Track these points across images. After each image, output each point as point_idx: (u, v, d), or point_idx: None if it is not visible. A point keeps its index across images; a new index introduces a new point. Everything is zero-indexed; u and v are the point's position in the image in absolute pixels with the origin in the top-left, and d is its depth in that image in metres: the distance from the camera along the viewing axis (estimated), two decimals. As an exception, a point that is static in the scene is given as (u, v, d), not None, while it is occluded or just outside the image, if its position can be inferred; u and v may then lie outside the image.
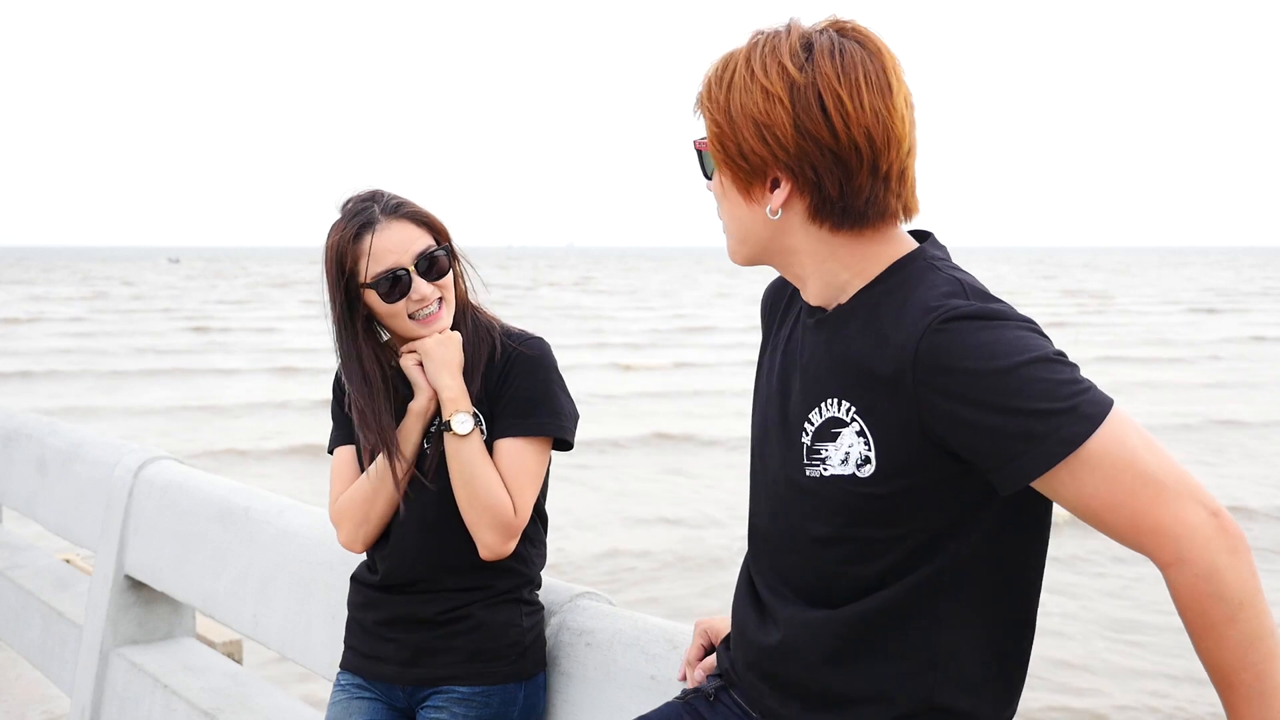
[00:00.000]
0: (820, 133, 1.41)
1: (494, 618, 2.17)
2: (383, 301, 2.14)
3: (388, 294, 2.13)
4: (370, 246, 2.12)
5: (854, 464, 1.45)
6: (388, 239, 2.13)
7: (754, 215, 1.51)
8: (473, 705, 2.14)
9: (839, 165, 1.43)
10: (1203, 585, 1.30)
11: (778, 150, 1.44)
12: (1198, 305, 48.33)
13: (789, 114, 1.42)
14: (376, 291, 2.14)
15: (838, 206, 1.45)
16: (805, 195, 1.46)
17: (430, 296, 2.16)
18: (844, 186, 1.44)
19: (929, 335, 1.37)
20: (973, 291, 1.43)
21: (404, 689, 2.21)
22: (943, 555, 1.45)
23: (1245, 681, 1.32)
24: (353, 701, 2.24)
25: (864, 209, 1.45)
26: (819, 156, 1.43)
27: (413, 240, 2.15)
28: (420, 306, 2.16)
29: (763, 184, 1.48)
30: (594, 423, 16.09)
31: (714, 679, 1.75)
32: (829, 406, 1.49)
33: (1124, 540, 1.35)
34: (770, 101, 1.42)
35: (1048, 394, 1.32)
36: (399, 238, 2.14)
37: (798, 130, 1.42)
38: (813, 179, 1.44)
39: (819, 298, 1.55)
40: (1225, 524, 1.31)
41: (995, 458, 1.35)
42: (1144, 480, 1.31)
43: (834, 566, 1.51)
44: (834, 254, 1.50)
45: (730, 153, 1.48)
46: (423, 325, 2.17)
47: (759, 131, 1.44)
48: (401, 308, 2.15)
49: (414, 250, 2.14)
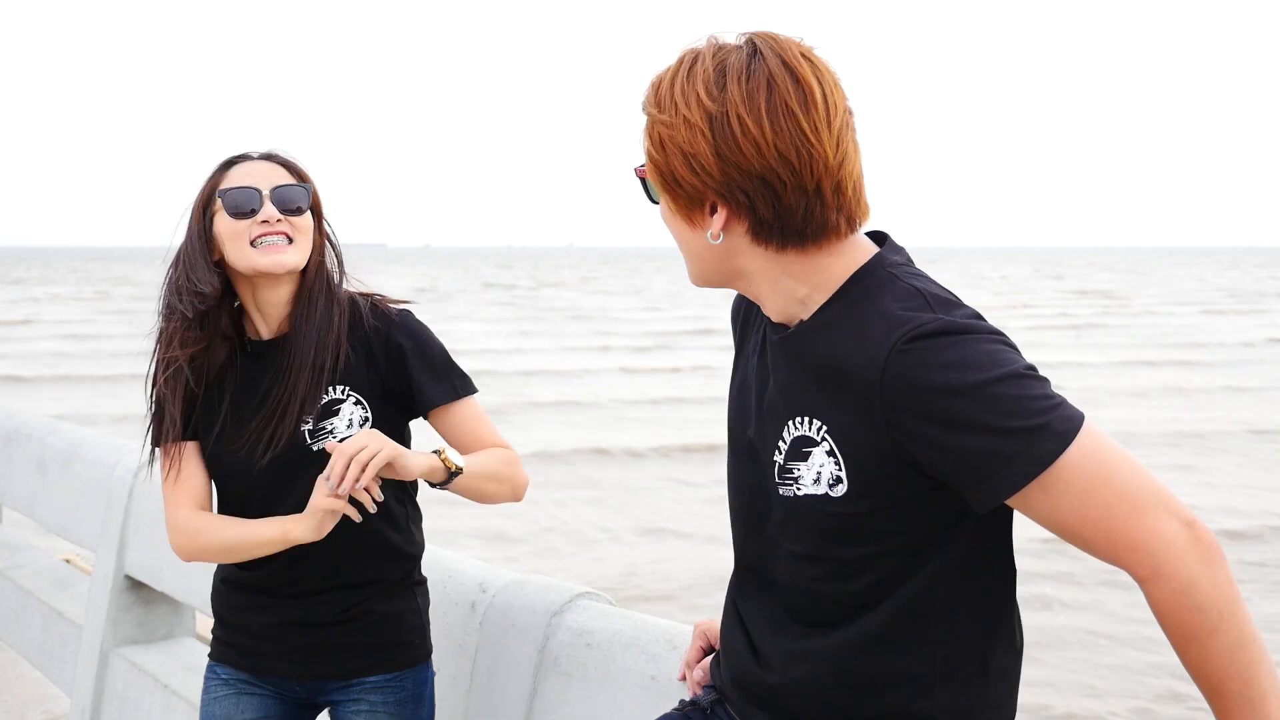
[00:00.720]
0: (739, 159, 1.40)
1: (392, 608, 2.18)
2: (229, 217, 2.06)
3: (236, 209, 2.05)
4: (232, 171, 2.10)
5: (826, 483, 1.44)
6: (252, 167, 2.11)
7: (699, 240, 1.49)
8: (389, 691, 2.17)
9: (766, 188, 1.41)
10: (1182, 599, 1.30)
11: (706, 178, 1.43)
12: (1212, 306, 47.66)
13: (710, 143, 1.41)
14: (225, 206, 2.06)
15: (775, 227, 1.44)
16: (742, 218, 1.45)
17: (275, 224, 2.06)
18: (776, 207, 1.42)
19: (894, 356, 1.35)
20: (936, 302, 1.40)
21: (302, 684, 2.20)
22: (924, 573, 1.44)
23: (1234, 690, 1.32)
24: (242, 698, 2.20)
25: (802, 227, 1.43)
26: (745, 181, 1.41)
27: (277, 175, 2.12)
28: (265, 231, 2.06)
29: (701, 210, 1.47)
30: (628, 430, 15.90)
31: (709, 690, 1.74)
32: (799, 425, 1.47)
33: (1100, 555, 1.34)
34: (693, 132, 1.41)
35: (1018, 411, 1.30)
36: (263, 170, 2.11)
37: (719, 158, 1.41)
38: (745, 203, 1.43)
39: (780, 314, 1.53)
40: (1200, 534, 1.31)
41: (968, 476, 1.34)
42: (1118, 495, 1.31)
43: (812, 584, 1.50)
44: (785, 271, 1.48)
45: (667, 180, 1.47)
46: (264, 253, 2.05)
47: (687, 161, 1.43)
48: (245, 229, 2.05)
49: (274, 180, 2.10)
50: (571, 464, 13.91)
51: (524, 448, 14.58)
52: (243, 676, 2.22)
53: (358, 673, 2.17)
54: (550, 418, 17.70)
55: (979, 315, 1.40)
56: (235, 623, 2.22)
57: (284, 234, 2.08)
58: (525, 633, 2.30)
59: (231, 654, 2.22)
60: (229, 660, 2.23)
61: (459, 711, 2.42)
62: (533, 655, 2.28)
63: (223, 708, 2.21)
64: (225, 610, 2.24)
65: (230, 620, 2.23)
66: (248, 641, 2.20)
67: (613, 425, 17.05)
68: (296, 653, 2.17)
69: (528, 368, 24.25)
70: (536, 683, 2.26)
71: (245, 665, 2.21)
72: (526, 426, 16.49)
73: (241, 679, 2.22)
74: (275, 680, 2.21)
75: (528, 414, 17.92)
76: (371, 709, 2.16)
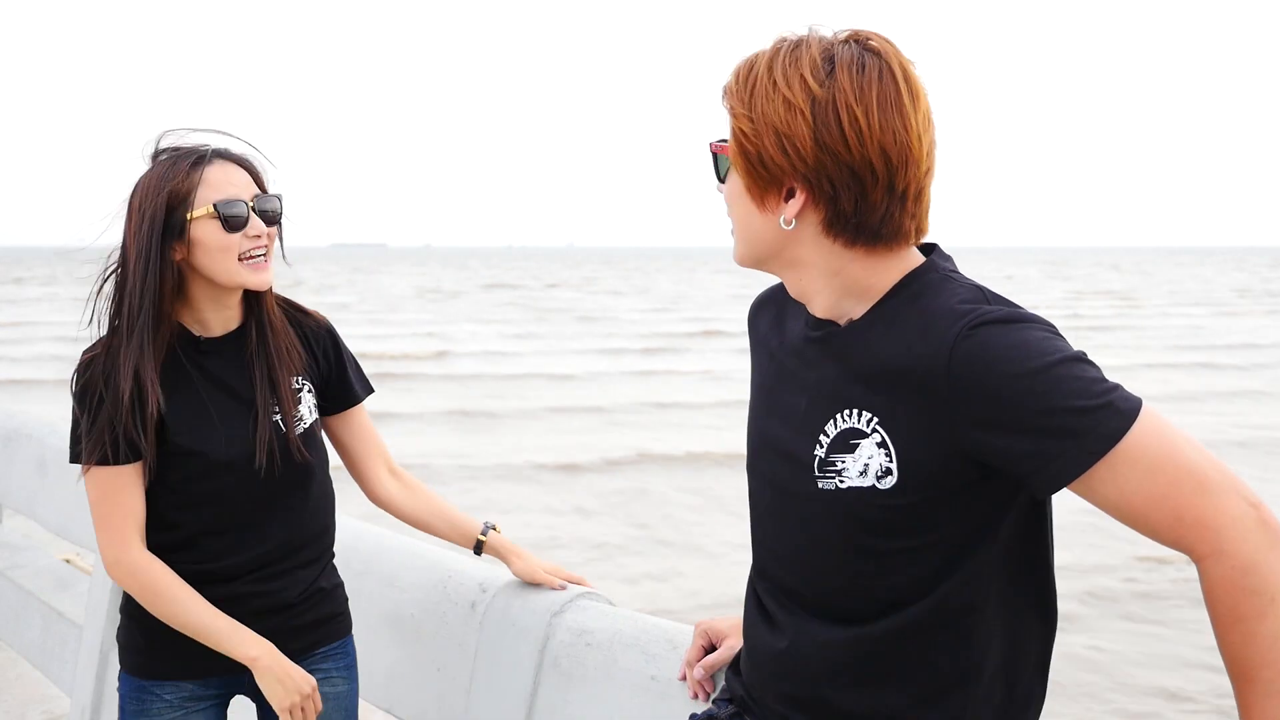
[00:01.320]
0: (838, 147, 1.41)
1: (333, 581, 2.31)
2: (223, 230, 2.01)
3: (231, 223, 2.01)
4: (209, 175, 2.02)
5: (874, 475, 1.45)
6: (229, 173, 2.05)
7: (765, 223, 1.50)
8: (338, 658, 2.30)
9: (855, 181, 1.42)
10: (1239, 578, 1.30)
11: (797, 161, 1.44)
12: (1231, 307, 47.00)
13: (809, 126, 1.42)
14: (219, 218, 2.00)
15: (852, 222, 1.45)
16: (820, 208, 1.46)
17: (263, 238, 2.06)
18: (859, 202, 1.44)
19: (961, 341, 1.37)
20: (994, 297, 1.44)
21: None
22: (963, 569, 1.45)
23: (1266, 678, 1.31)
24: (192, 715, 2.16)
25: (878, 227, 1.45)
26: (836, 171, 1.42)
27: (250, 181, 2.09)
28: (255, 245, 2.05)
29: (777, 193, 1.48)
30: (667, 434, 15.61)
31: (724, 704, 1.73)
32: (846, 418, 1.48)
33: (1162, 537, 1.35)
34: (792, 113, 1.42)
35: (1083, 391, 1.32)
36: (238, 176, 2.07)
37: (817, 143, 1.42)
38: (829, 192, 1.44)
39: (827, 310, 1.54)
40: (1266, 518, 1.31)
41: (1033, 460, 1.34)
42: (1186, 472, 1.32)
43: (847, 579, 1.50)
44: (844, 268, 1.50)
45: (751, 159, 1.47)
46: (253, 271, 2.05)
47: (779, 141, 1.44)
48: (235, 243, 2.02)
49: (251, 188, 2.08)
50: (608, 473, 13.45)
51: (546, 454, 14.00)
52: (187, 690, 2.16)
53: (313, 645, 2.25)
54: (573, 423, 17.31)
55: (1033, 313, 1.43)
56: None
57: (266, 248, 2.08)
58: (525, 633, 2.30)
59: (178, 666, 2.14)
60: (173, 674, 2.15)
61: (459, 711, 2.42)
62: (533, 655, 2.27)
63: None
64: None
65: (171, 627, 2.10)
66: (195, 644, 2.09)
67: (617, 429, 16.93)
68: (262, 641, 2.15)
69: (549, 370, 23.95)
70: (536, 683, 2.26)
71: (194, 672, 2.15)
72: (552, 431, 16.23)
73: (185, 694, 2.16)
74: (222, 679, 2.18)
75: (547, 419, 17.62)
76: (327, 675, 2.26)
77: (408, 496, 2.38)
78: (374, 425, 2.40)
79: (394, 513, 2.40)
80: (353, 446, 2.37)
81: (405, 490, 2.39)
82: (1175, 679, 7.10)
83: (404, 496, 2.38)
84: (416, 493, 2.39)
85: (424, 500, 2.39)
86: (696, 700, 1.92)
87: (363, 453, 2.37)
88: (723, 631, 1.91)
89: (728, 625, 1.91)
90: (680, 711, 1.94)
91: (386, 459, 2.40)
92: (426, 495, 2.40)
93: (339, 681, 2.29)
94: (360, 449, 2.37)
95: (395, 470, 2.40)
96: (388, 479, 2.38)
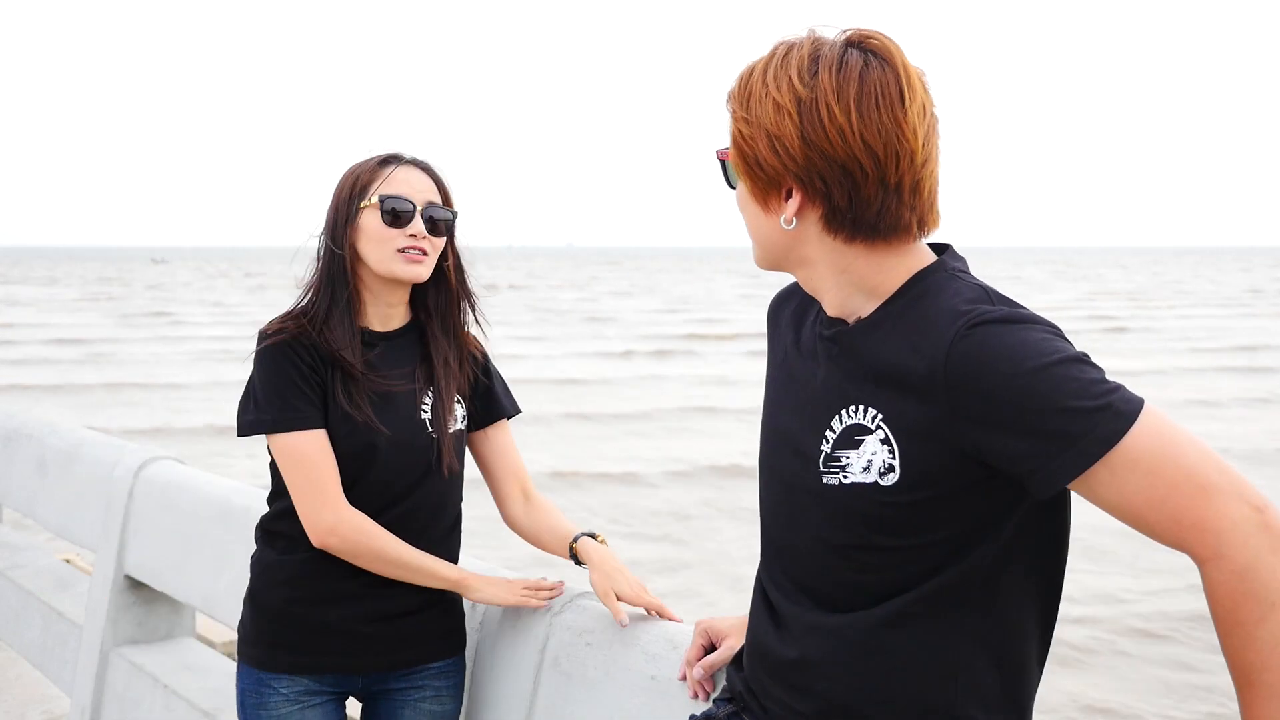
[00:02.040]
0: (824, 145, 1.43)
1: (454, 595, 2.31)
2: (382, 223, 2.15)
3: (393, 217, 2.15)
4: (392, 174, 2.20)
5: (876, 472, 1.45)
6: (410, 174, 2.21)
7: (771, 224, 1.53)
8: (449, 676, 2.30)
9: (846, 177, 1.44)
10: (1238, 582, 1.29)
11: (788, 161, 1.46)
12: (1249, 307, 46.39)
13: (796, 126, 1.44)
14: (380, 210, 2.16)
15: (848, 218, 1.47)
16: (817, 205, 1.48)
17: (422, 239, 2.18)
18: (853, 198, 1.45)
19: (959, 341, 1.38)
20: (998, 298, 1.45)
21: (366, 675, 2.23)
22: (962, 566, 1.45)
23: (1268, 682, 1.31)
24: (307, 711, 2.20)
25: (875, 221, 1.46)
26: (826, 168, 1.44)
27: (429, 190, 2.22)
28: (411, 244, 2.17)
29: (778, 194, 1.50)
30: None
31: (724, 703, 1.73)
32: (852, 413, 1.49)
33: (1163, 538, 1.34)
34: (780, 114, 1.45)
35: (1081, 393, 1.32)
36: (420, 181, 2.22)
37: (804, 142, 1.44)
38: (822, 189, 1.46)
39: (838, 309, 1.55)
40: (1270, 520, 1.30)
41: (1031, 460, 1.34)
42: (1185, 474, 1.31)
43: (850, 575, 1.51)
44: (851, 265, 1.51)
45: (749, 162, 1.50)
46: (405, 262, 2.17)
47: (771, 143, 1.46)
48: (394, 236, 2.16)
49: (427, 197, 2.21)
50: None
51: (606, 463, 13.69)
52: (302, 685, 2.20)
53: (425, 659, 2.26)
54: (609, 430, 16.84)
55: (1034, 313, 1.43)
56: (304, 621, 2.18)
57: (424, 249, 2.19)
58: (525, 633, 2.30)
59: (297, 659, 2.18)
60: (291, 668, 2.18)
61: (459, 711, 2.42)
62: (533, 655, 2.27)
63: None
64: (290, 608, 2.19)
65: (297, 619, 2.18)
66: (319, 640, 2.18)
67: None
68: (375, 643, 2.20)
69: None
70: (536, 683, 2.26)
71: (308, 667, 2.19)
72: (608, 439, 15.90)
73: (300, 689, 2.20)
74: (336, 677, 2.22)
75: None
76: (437, 693, 2.27)
77: (524, 515, 2.37)
78: (516, 447, 2.42)
79: (519, 534, 2.39)
80: (493, 464, 2.39)
81: (528, 512, 2.37)
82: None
83: (524, 517, 2.37)
84: (534, 512, 2.36)
85: (540, 516, 2.35)
86: (696, 700, 1.93)
87: (500, 472, 2.39)
88: (723, 631, 1.91)
89: (728, 625, 1.91)
90: (680, 711, 1.94)
91: (522, 481, 2.39)
92: (543, 512, 2.36)
93: (446, 700, 2.29)
94: (498, 467, 2.39)
95: (529, 493, 2.39)
96: (518, 501, 2.37)
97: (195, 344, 29.74)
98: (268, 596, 2.21)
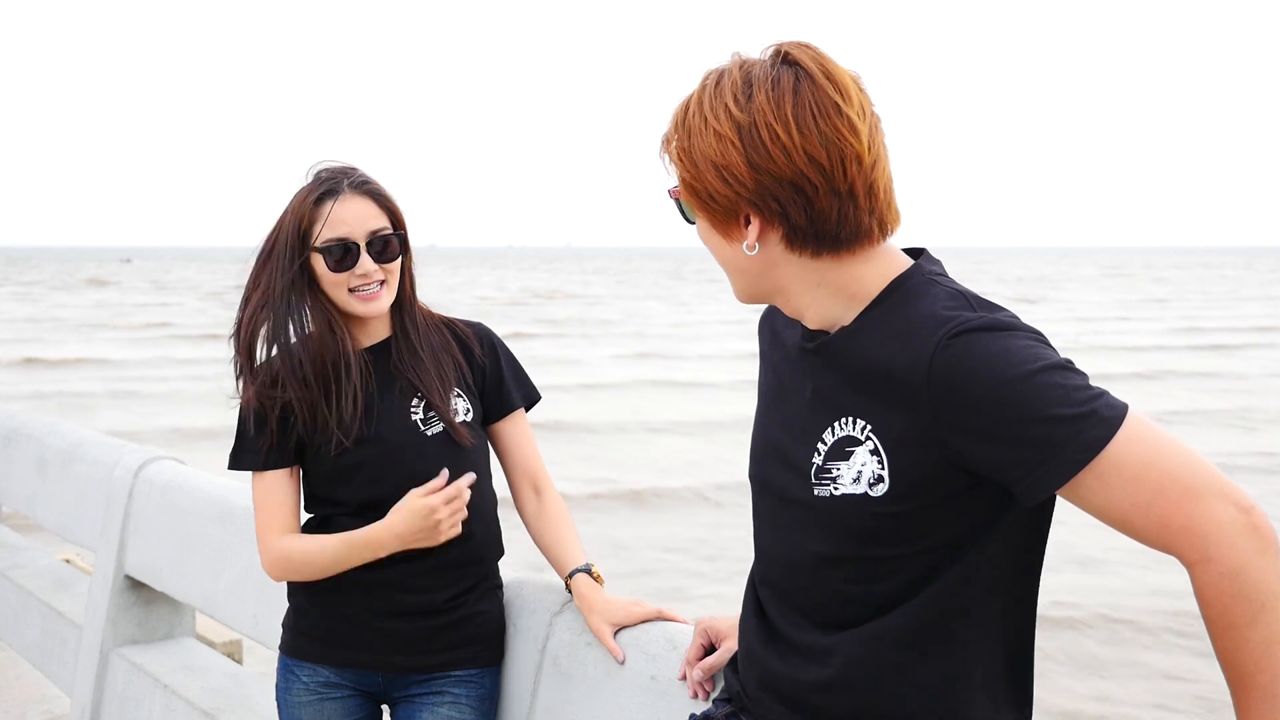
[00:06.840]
0: (770, 166, 1.43)
1: (486, 606, 2.28)
2: (329, 269, 2.17)
3: (337, 263, 2.17)
4: (329, 213, 2.17)
5: (866, 483, 1.45)
6: (347, 209, 2.18)
7: (737, 253, 1.52)
8: (473, 686, 2.24)
9: (798, 193, 1.43)
10: (1227, 584, 1.29)
11: (739, 188, 1.45)
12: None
13: (741, 153, 1.43)
14: (325, 258, 2.17)
15: (809, 233, 1.46)
16: (776, 227, 1.47)
17: (374, 276, 2.19)
18: (809, 212, 1.44)
19: (941, 350, 1.37)
20: (978, 303, 1.44)
21: (386, 676, 2.22)
22: (953, 573, 1.45)
23: (1261, 684, 1.31)
24: (326, 703, 2.21)
25: (836, 231, 1.45)
26: (776, 188, 1.44)
27: (370, 217, 2.20)
28: (363, 283, 2.18)
29: (737, 222, 1.49)
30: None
31: (722, 704, 1.74)
32: (843, 425, 1.49)
33: (1151, 542, 1.34)
34: (723, 143, 1.44)
35: (1065, 400, 1.32)
36: (358, 212, 2.19)
37: (751, 167, 1.43)
38: (778, 210, 1.45)
39: (819, 321, 1.55)
40: (1257, 522, 1.30)
41: (1017, 469, 1.34)
42: (1171, 478, 1.31)
43: (841, 586, 1.51)
44: (823, 279, 1.50)
45: (702, 197, 1.49)
46: (361, 302, 2.19)
47: (719, 174, 1.46)
48: (344, 279, 2.18)
49: (369, 227, 2.19)
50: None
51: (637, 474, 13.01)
52: (323, 676, 2.22)
53: (448, 665, 2.23)
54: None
55: (1017, 318, 1.42)
56: (325, 611, 2.21)
57: (379, 282, 2.20)
58: (525, 633, 2.30)
59: (316, 648, 2.22)
60: (311, 656, 2.22)
61: None
62: (533, 655, 2.27)
63: (307, 715, 2.21)
64: (314, 598, 2.22)
65: (319, 609, 2.22)
66: (337, 630, 2.20)
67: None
68: (395, 641, 2.19)
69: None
70: (536, 683, 2.26)
71: (330, 659, 2.21)
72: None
73: (321, 680, 2.22)
74: (357, 672, 2.22)
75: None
76: (455, 701, 2.23)
77: (533, 518, 2.34)
78: (533, 438, 2.39)
79: (529, 534, 2.36)
80: (504, 458, 2.37)
81: (537, 514, 2.34)
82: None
83: (532, 520, 2.34)
84: (543, 516, 2.33)
85: (546, 528, 2.32)
86: (696, 700, 1.93)
87: (510, 467, 2.37)
88: (722, 631, 1.91)
89: (727, 625, 1.91)
90: (680, 711, 1.94)
91: (533, 475, 2.36)
92: (551, 520, 2.32)
93: (465, 708, 2.24)
94: (509, 462, 2.37)
95: (540, 489, 2.35)
96: (528, 497, 2.36)
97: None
98: (296, 585, 2.27)
